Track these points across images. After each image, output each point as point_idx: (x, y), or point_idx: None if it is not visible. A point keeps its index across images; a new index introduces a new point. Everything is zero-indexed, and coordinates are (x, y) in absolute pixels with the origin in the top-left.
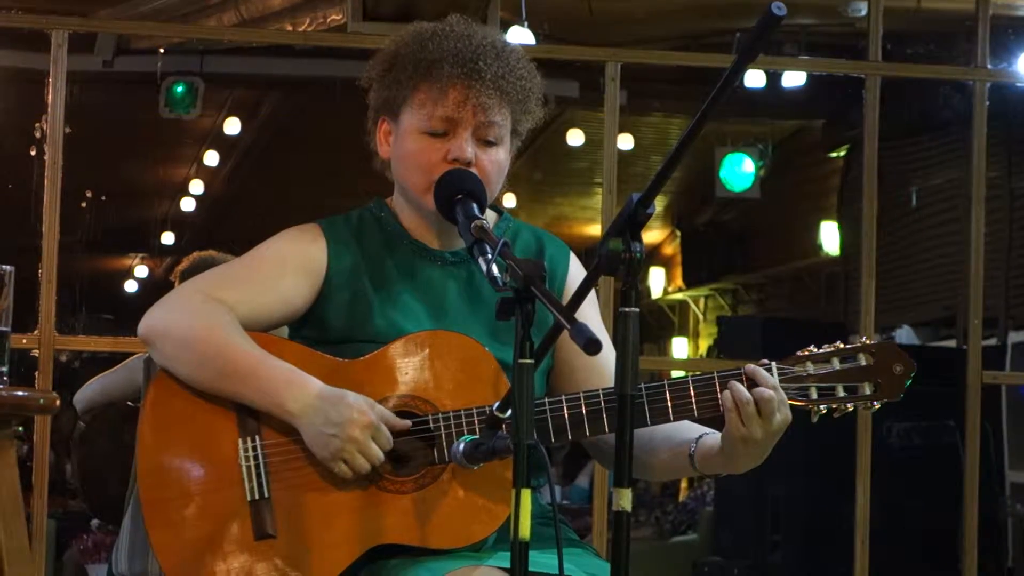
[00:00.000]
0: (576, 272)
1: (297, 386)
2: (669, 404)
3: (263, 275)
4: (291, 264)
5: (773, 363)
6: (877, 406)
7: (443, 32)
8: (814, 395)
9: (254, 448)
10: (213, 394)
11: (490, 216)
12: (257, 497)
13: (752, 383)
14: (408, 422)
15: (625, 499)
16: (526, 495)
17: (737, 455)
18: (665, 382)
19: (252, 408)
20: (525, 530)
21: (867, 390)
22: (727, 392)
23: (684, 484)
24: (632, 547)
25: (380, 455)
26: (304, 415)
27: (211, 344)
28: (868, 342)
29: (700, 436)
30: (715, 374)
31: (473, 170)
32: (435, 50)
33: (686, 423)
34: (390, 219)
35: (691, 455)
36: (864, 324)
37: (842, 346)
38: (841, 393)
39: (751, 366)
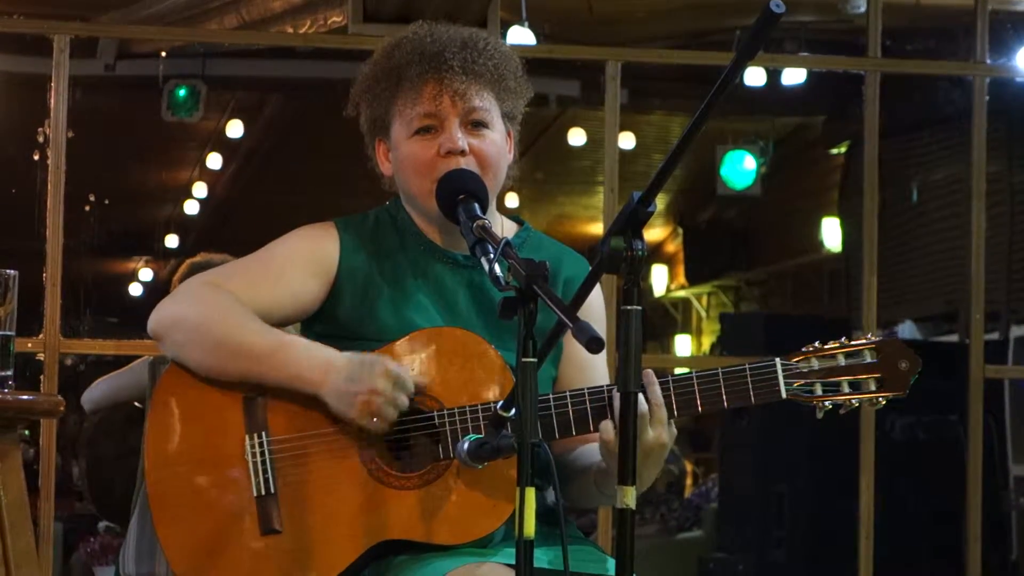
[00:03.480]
0: (594, 290)
1: (318, 356)
2: (673, 400)
3: (274, 272)
4: (302, 261)
5: (777, 360)
6: (883, 402)
7: (407, 39)
8: (819, 391)
9: (260, 444)
10: (228, 378)
11: (508, 226)
12: (263, 493)
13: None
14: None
15: (630, 496)
16: (531, 493)
17: (612, 469)
18: (669, 378)
19: (260, 403)
20: (530, 528)
21: (872, 386)
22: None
23: (689, 481)
24: (637, 544)
25: (405, 401)
26: (325, 381)
27: (225, 326)
28: (873, 339)
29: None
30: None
31: (471, 161)
32: (401, 57)
33: (593, 448)
34: (406, 219)
35: (594, 473)
36: (866, 319)
37: (847, 342)
38: (846, 389)
39: (648, 376)
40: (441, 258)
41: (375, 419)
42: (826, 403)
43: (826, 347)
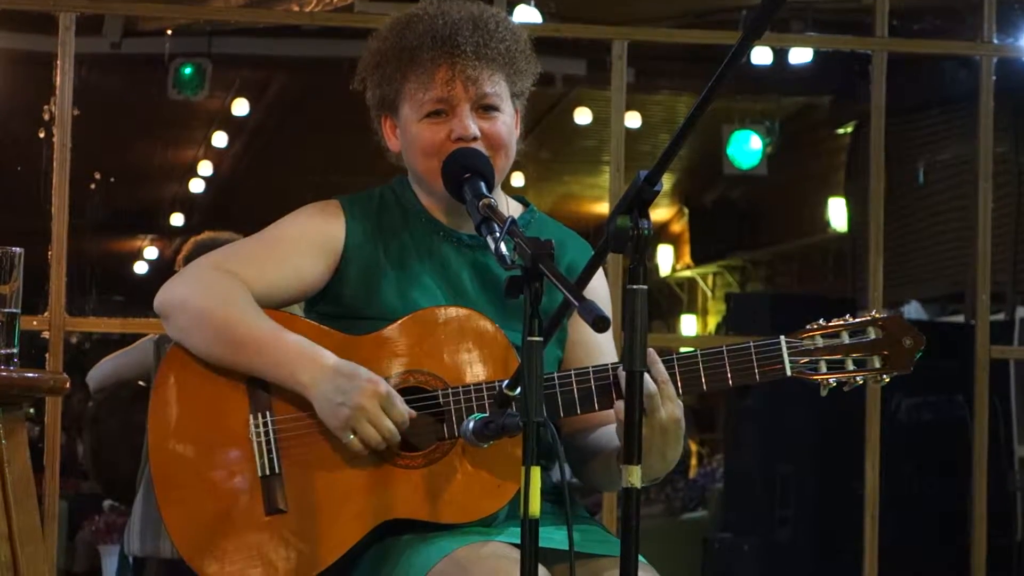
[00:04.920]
0: (597, 275)
1: (310, 358)
2: (678, 378)
3: (279, 252)
4: (307, 241)
5: (782, 337)
6: (887, 379)
7: (418, 17)
8: (823, 368)
9: (265, 424)
10: (226, 367)
11: (514, 207)
12: (268, 473)
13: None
14: (412, 411)
15: (635, 476)
16: (536, 472)
17: None
18: (674, 356)
19: (264, 383)
20: (535, 507)
21: (876, 363)
22: (619, 402)
23: (694, 461)
24: (642, 524)
25: (391, 427)
26: (315, 385)
27: (226, 317)
28: (877, 316)
29: None
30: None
31: (480, 144)
32: (413, 37)
33: (612, 430)
34: (411, 198)
35: (618, 456)
36: (872, 300)
37: (851, 320)
38: (850, 366)
39: (651, 355)
40: (446, 237)
41: (352, 436)
42: (830, 380)
43: (830, 324)
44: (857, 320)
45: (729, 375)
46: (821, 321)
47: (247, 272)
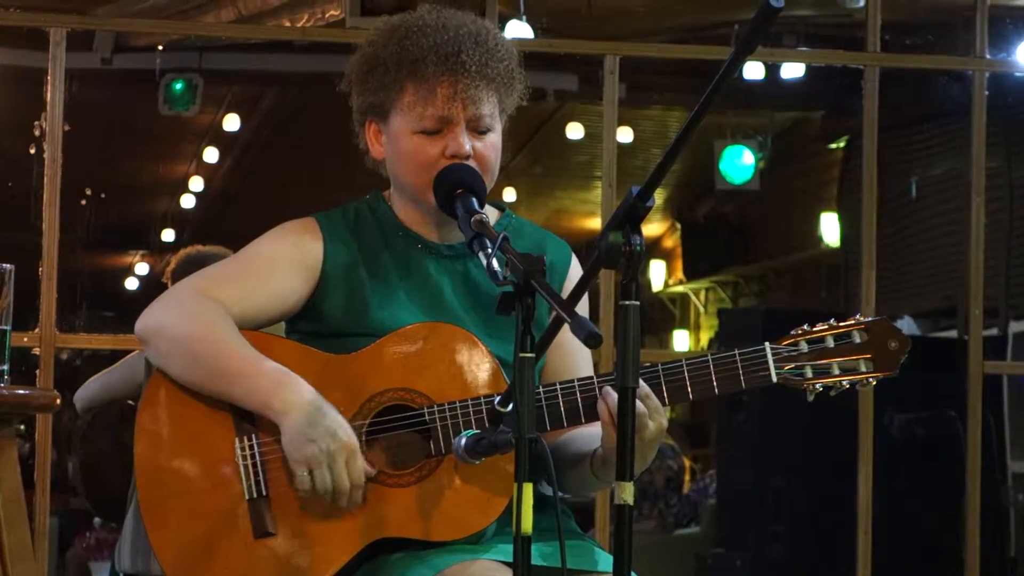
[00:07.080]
0: (576, 273)
1: (285, 386)
2: (664, 388)
3: (258, 273)
4: (286, 261)
5: (767, 344)
6: (874, 382)
7: (419, 27)
8: (809, 374)
9: (251, 447)
10: (204, 393)
11: (491, 212)
12: (255, 495)
13: None
14: (372, 470)
15: (627, 492)
16: (528, 489)
17: (611, 456)
18: (659, 366)
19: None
20: (527, 524)
21: (863, 367)
22: (602, 404)
23: (687, 477)
24: (635, 540)
25: (346, 483)
26: (287, 414)
27: (205, 344)
28: (862, 319)
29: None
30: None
31: (472, 162)
32: (415, 48)
33: (590, 434)
34: (387, 212)
35: (591, 461)
36: (865, 315)
37: (836, 324)
38: (836, 371)
39: None
40: (424, 250)
41: (307, 475)
42: (816, 386)
43: (815, 329)
44: (842, 324)
45: (715, 383)
46: (806, 326)
47: (227, 295)
